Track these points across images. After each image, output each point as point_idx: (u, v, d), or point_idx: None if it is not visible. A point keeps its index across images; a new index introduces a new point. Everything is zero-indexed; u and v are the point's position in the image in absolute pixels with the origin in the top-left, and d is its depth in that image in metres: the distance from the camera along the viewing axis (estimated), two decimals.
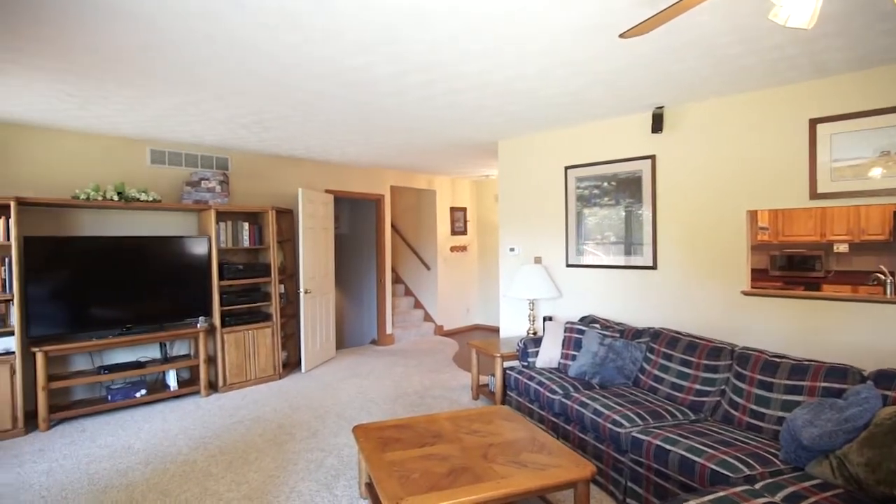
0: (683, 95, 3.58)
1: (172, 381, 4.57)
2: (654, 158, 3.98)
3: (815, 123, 3.21)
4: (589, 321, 4.08)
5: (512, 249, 5.11)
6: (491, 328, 8.21)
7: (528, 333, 4.57)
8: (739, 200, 3.56)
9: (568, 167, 4.57)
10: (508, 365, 4.16)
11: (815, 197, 3.22)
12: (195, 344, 4.81)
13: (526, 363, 4.04)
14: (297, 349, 5.79)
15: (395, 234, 8.10)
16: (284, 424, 3.93)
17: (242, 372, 4.95)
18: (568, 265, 4.59)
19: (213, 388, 4.84)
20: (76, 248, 4.15)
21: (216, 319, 4.78)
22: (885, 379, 2.31)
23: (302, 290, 5.42)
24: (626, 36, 1.98)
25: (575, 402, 3.14)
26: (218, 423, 3.99)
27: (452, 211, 8.11)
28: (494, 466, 2.30)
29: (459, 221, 8.21)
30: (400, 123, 4.30)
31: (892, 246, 5.41)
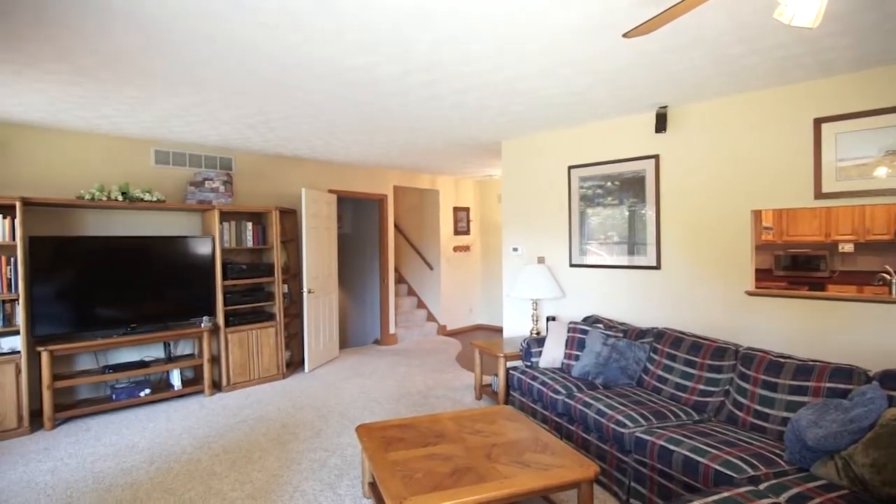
0: (687, 95, 3.57)
1: (176, 380, 4.59)
2: (657, 158, 3.97)
3: (819, 123, 3.19)
4: (592, 321, 4.08)
5: (515, 249, 5.10)
6: (494, 328, 8.21)
7: (531, 333, 4.57)
8: (743, 200, 3.54)
9: (571, 167, 4.56)
10: (511, 365, 4.16)
11: (819, 197, 3.21)
12: (199, 343, 4.83)
13: (529, 363, 4.04)
14: (300, 349, 5.80)
15: (398, 233, 8.10)
16: (288, 424, 3.94)
17: (246, 371, 4.96)
18: (571, 265, 4.59)
19: (216, 387, 4.86)
20: (81, 248, 4.17)
21: (220, 319, 4.80)
22: (890, 379, 2.29)
23: (305, 289, 5.44)
24: (629, 35, 1.97)
25: (578, 402, 3.14)
26: (222, 422, 4.00)
27: (455, 211, 8.11)
28: (498, 466, 2.29)
29: (462, 221, 8.21)
30: (403, 123, 4.31)
31: None
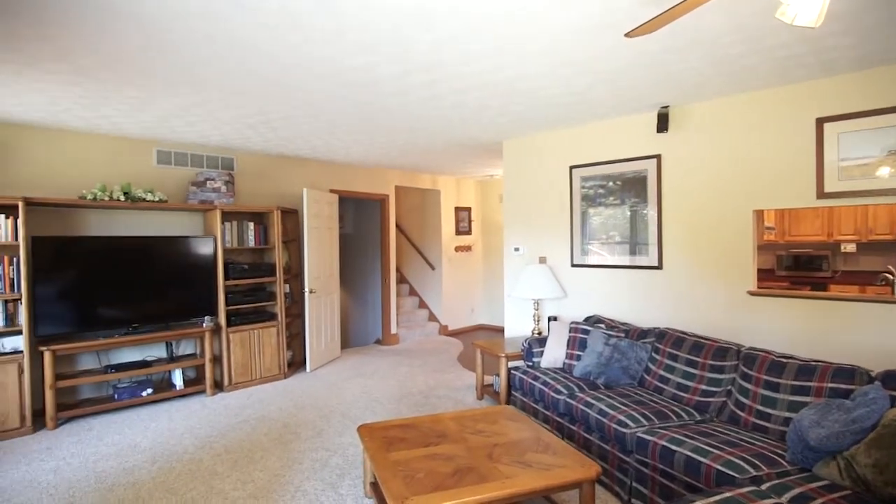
0: (688, 95, 3.56)
1: (178, 380, 4.60)
2: (659, 158, 3.97)
3: (822, 122, 3.18)
4: (594, 321, 4.07)
5: (517, 249, 5.10)
6: (495, 328, 8.21)
7: (532, 333, 4.57)
8: (745, 200, 3.54)
9: (573, 167, 4.56)
10: (513, 365, 4.16)
11: (822, 196, 3.20)
12: (201, 343, 4.84)
13: (531, 363, 4.04)
14: (302, 349, 5.81)
15: (399, 234, 8.10)
16: (289, 424, 3.95)
17: (248, 371, 4.97)
18: (573, 265, 4.58)
19: (218, 387, 4.86)
20: (83, 247, 4.18)
21: (222, 319, 4.81)
22: (892, 380, 2.29)
23: (307, 289, 5.44)
24: (632, 35, 1.97)
25: (580, 402, 3.13)
26: (223, 422, 4.01)
27: (457, 211, 8.11)
28: (499, 466, 2.29)
29: (464, 221, 8.21)
30: (403, 123, 4.31)
31: None
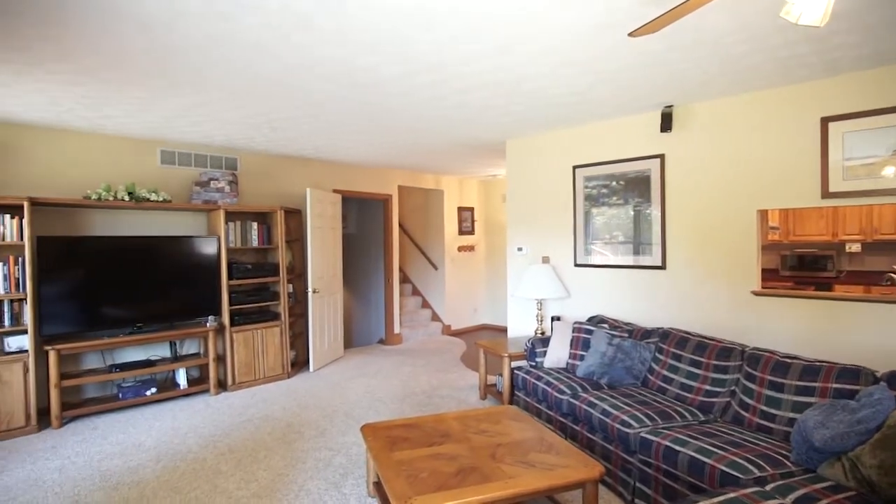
0: (691, 95, 3.55)
1: (182, 379, 4.62)
2: (662, 157, 3.96)
3: (826, 122, 3.17)
4: (597, 321, 4.07)
5: (520, 249, 5.09)
6: (499, 328, 8.20)
7: (535, 333, 4.56)
8: (749, 200, 3.52)
9: (576, 166, 4.55)
10: (516, 365, 4.16)
11: (826, 196, 3.19)
12: (205, 343, 4.86)
13: (534, 363, 4.04)
14: (305, 348, 5.82)
15: (402, 233, 8.11)
16: (293, 423, 3.96)
17: (251, 371, 4.98)
18: (576, 265, 4.58)
19: (222, 386, 4.88)
20: (88, 247, 4.20)
21: (225, 318, 4.82)
22: None
23: (310, 289, 5.45)
24: (635, 35, 1.97)
25: (583, 402, 3.13)
26: (227, 421, 4.02)
27: (460, 211, 8.11)
28: (502, 466, 2.29)
29: (467, 221, 8.21)
30: (407, 124, 4.31)
31: None
